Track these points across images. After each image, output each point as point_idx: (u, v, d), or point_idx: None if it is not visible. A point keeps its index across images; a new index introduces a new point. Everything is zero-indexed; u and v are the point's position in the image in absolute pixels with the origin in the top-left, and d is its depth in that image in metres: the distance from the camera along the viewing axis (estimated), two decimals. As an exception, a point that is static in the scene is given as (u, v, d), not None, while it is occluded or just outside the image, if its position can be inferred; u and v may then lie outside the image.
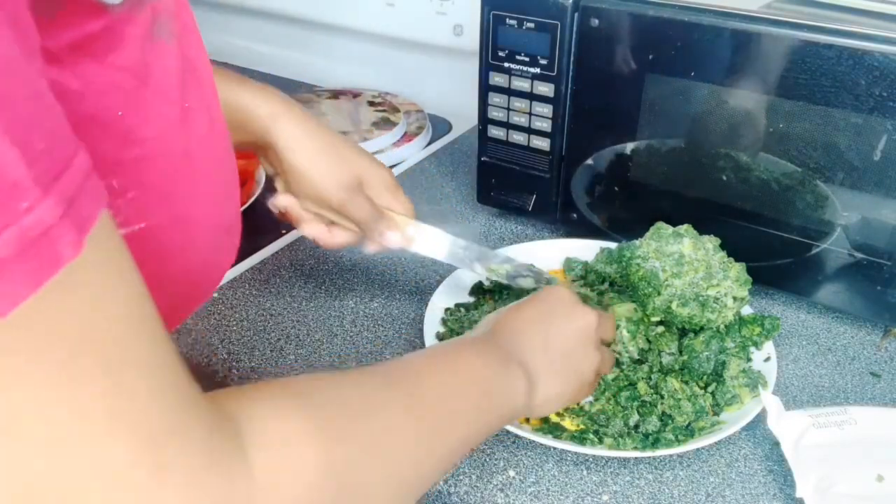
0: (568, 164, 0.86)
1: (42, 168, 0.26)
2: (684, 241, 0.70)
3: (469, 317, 0.75)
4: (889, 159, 0.68)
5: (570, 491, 0.61)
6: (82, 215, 0.28)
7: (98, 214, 0.29)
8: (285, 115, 0.65)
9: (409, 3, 1.22)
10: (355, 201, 0.67)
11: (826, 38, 0.67)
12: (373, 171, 0.68)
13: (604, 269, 0.82)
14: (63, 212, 0.27)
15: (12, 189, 0.25)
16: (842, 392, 0.71)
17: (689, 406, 0.65)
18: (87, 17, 0.32)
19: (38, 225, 0.26)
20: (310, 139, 0.65)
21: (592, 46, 0.78)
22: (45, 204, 0.26)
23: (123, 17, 0.34)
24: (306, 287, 0.84)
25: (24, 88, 0.27)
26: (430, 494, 0.62)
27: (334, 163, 0.66)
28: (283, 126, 0.65)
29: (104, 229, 0.29)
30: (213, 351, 0.75)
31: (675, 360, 0.69)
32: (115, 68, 0.35)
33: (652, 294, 0.69)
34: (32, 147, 0.26)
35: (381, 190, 0.69)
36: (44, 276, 0.26)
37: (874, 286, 0.74)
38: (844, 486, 0.58)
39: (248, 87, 0.65)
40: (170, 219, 0.40)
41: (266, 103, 0.64)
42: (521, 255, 0.85)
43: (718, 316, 0.69)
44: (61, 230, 0.26)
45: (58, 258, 0.27)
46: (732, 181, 0.77)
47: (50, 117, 0.28)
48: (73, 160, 0.28)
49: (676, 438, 0.63)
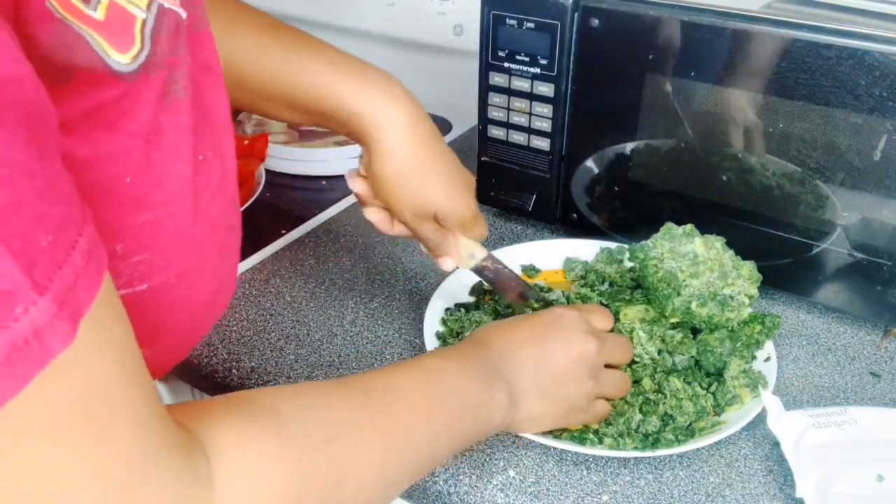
0: (568, 164, 0.86)
1: (42, 267, 0.27)
2: (696, 241, 0.70)
3: (469, 317, 0.75)
4: (889, 159, 0.68)
5: (570, 491, 0.61)
6: (79, 302, 0.29)
7: (97, 292, 0.30)
8: (390, 122, 0.61)
9: (409, 3, 1.22)
10: (422, 225, 0.66)
11: (826, 38, 0.67)
12: (449, 207, 0.65)
13: (604, 269, 0.82)
14: (58, 308, 0.28)
15: (7, 298, 0.26)
16: (842, 392, 0.71)
17: (691, 406, 0.65)
18: (101, 86, 0.32)
19: (30, 328, 0.27)
20: (403, 162, 0.62)
21: (592, 46, 0.78)
22: (40, 305, 0.27)
23: (139, 83, 0.34)
24: (306, 287, 0.84)
25: (34, 187, 0.27)
26: (430, 494, 0.62)
27: (414, 191, 0.64)
28: (384, 136, 0.62)
29: (102, 298, 0.30)
30: (213, 351, 0.75)
31: (688, 360, 0.69)
32: (127, 134, 0.35)
33: (672, 295, 0.69)
34: (35, 247, 0.27)
35: (454, 224, 0.67)
36: (31, 374, 0.27)
37: (874, 286, 0.74)
38: (844, 486, 0.58)
39: (362, 81, 0.61)
40: (175, 276, 0.40)
41: (374, 107, 0.61)
42: (521, 255, 0.85)
43: (736, 315, 0.69)
44: (55, 326, 0.28)
45: (48, 354, 0.28)
46: (732, 181, 0.77)
47: (61, 200, 0.29)
48: (77, 241, 0.29)
49: (676, 438, 0.63)
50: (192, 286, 0.37)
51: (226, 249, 0.46)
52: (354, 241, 0.93)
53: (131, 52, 0.33)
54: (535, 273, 0.85)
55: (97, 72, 0.32)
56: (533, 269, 0.85)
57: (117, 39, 0.32)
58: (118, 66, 0.32)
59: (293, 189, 1.06)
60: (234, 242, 0.48)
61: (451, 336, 0.74)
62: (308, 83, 0.61)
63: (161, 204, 0.38)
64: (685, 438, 0.63)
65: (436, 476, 0.62)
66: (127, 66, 0.33)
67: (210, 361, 0.74)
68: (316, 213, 0.98)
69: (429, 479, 0.62)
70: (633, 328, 0.69)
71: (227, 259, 0.47)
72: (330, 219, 0.98)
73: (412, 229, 0.67)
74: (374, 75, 0.62)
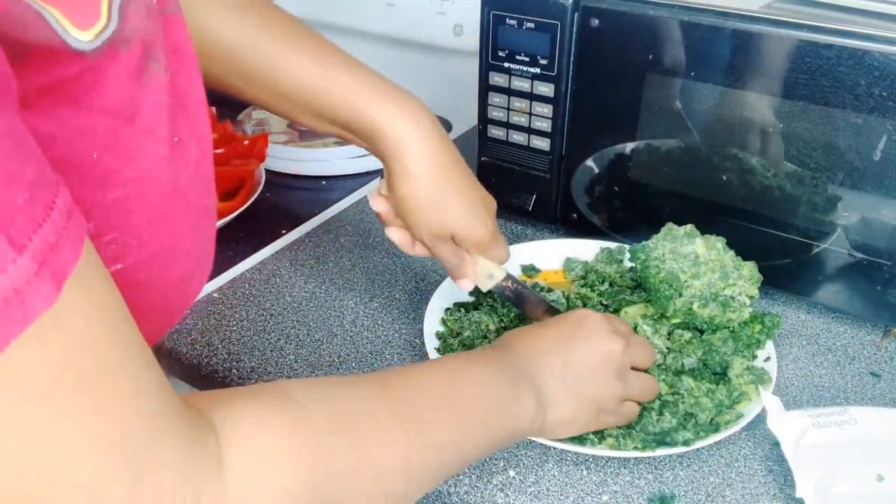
0: (568, 164, 0.86)
1: (19, 226, 0.27)
2: (697, 242, 0.70)
3: (469, 317, 0.75)
4: (889, 159, 0.68)
5: (570, 491, 0.61)
6: (62, 261, 0.29)
7: (80, 254, 0.30)
8: (411, 146, 0.63)
9: (409, 3, 1.22)
10: (440, 246, 0.67)
11: (826, 38, 0.67)
12: (466, 229, 0.66)
13: (604, 269, 0.82)
14: (39, 266, 0.27)
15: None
16: (842, 392, 0.71)
17: (709, 402, 0.65)
18: (59, 62, 0.32)
19: (9, 287, 0.27)
20: (422, 184, 0.64)
21: (592, 46, 0.78)
22: (19, 264, 0.27)
23: (104, 59, 0.33)
24: (306, 287, 0.84)
25: (7, 140, 0.27)
26: (430, 494, 0.62)
27: (432, 212, 0.65)
28: (404, 159, 0.63)
29: (86, 263, 0.30)
30: (213, 351, 0.75)
31: (696, 361, 0.69)
32: (93, 110, 0.34)
33: (673, 296, 0.69)
34: (11, 205, 0.27)
35: (472, 246, 0.68)
36: (13, 334, 0.27)
37: (874, 286, 0.74)
38: (844, 486, 0.58)
39: (389, 102, 0.63)
40: (149, 255, 0.40)
41: (397, 128, 0.63)
42: (521, 255, 0.85)
43: (738, 315, 0.69)
44: (35, 286, 0.27)
45: (30, 313, 0.27)
46: (732, 181, 0.77)
47: (32, 161, 0.28)
48: (55, 202, 0.28)
49: (698, 435, 0.63)
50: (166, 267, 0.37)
51: (202, 230, 0.46)
52: (354, 241, 0.93)
53: (95, 28, 0.32)
54: (535, 273, 0.85)
55: (54, 49, 0.31)
56: (533, 269, 0.85)
57: (79, 14, 0.31)
58: (77, 43, 0.31)
59: (293, 189, 1.06)
60: (209, 224, 0.47)
61: (451, 336, 0.74)
62: (336, 95, 0.63)
63: (132, 181, 0.37)
64: (705, 435, 0.63)
65: (436, 476, 0.62)
66: (89, 44, 0.32)
67: (210, 361, 0.74)
68: (316, 213, 0.98)
69: (429, 479, 0.62)
70: (637, 324, 0.69)
71: (203, 241, 0.46)
72: (330, 219, 0.98)
73: (430, 249, 0.68)
74: (398, 95, 0.64)
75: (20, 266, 0.27)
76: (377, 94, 0.63)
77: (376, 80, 0.64)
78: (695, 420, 0.64)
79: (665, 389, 0.66)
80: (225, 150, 1.04)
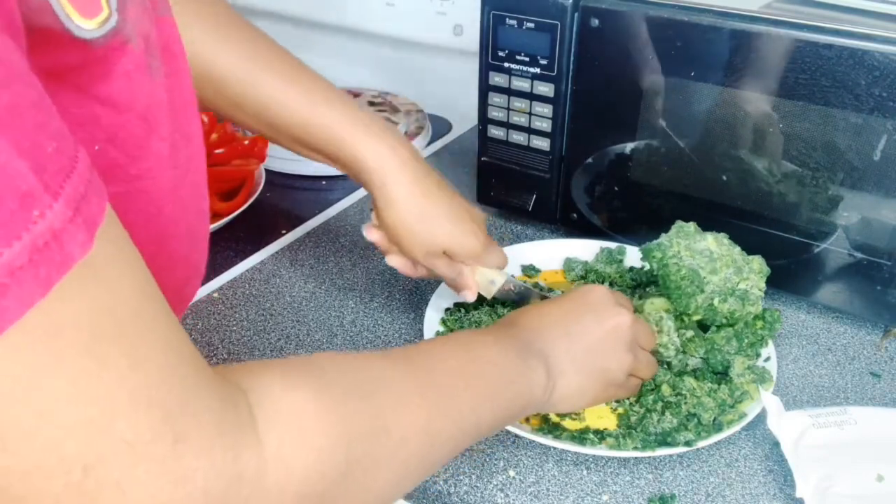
0: (568, 164, 0.86)
1: (51, 173, 0.27)
2: (708, 238, 0.70)
3: (469, 317, 0.75)
4: (889, 159, 0.68)
5: (570, 491, 0.61)
6: (92, 213, 0.29)
7: (105, 210, 0.30)
8: (393, 176, 0.67)
9: (409, 3, 1.22)
10: (436, 263, 0.71)
11: (826, 38, 0.67)
12: (454, 242, 0.70)
13: (604, 270, 0.82)
14: (73, 213, 0.28)
15: (23, 199, 0.26)
16: (842, 392, 0.71)
17: (712, 401, 0.65)
18: (62, 48, 0.32)
19: (48, 230, 0.27)
20: (406, 209, 0.68)
21: (592, 46, 0.78)
22: (56, 209, 0.27)
23: (112, 51, 0.34)
24: (306, 287, 0.84)
25: (30, 94, 0.27)
26: (430, 494, 0.62)
27: (421, 235, 0.69)
28: (388, 189, 0.67)
29: (111, 221, 0.30)
30: (213, 351, 0.75)
31: (701, 362, 0.69)
32: (96, 101, 0.34)
33: (696, 293, 0.68)
34: (42, 152, 0.27)
35: (465, 258, 0.71)
36: (55, 278, 0.27)
37: (874, 286, 0.74)
38: (844, 486, 0.58)
39: (370, 137, 0.67)
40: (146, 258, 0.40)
41: (378, 160, 0.67)
42: (521, 255, 0.85)
43: (756, 308, 0.69)
44: (72, 232, 0.28)
45: (69, 259, 0.28)
46: (732, 181, 0.77)
47: (53, 116, 0.28)
48: (77, 156, 0.29)
49: (699, 435, 0.63)
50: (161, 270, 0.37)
51: (196, 234, 0.46)
52: (354, 241, 0.93)
53: (98, 18, 0.33)
54: (535, 273, 0.85)
55: (57, 34, 0.31)
56: (533, 269, 0.85)
57: (84, 3, 0.32)
58: (80, 31, 0.32)
59: (293, 189, 1.06)
60: (202, 228, 0.48)
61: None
62: (322, 128, 0.67)
63: (135, 178, 0.37)
64: (707, 435, 0.63)
65: (436, 476, 0.62)
66: (93, 32, 0.32)
67: (210, 362, 0.74)
68: (316, 213, 0.98)
69: (429, 479, 0.62)
70: (661, 317, 0.69)
71: (197, 246, 0.47)
72: (330, 219, 0.98)
73: (427, 268, 0.71)
74: (378, 129, 0.68)
75: (56, 211, 0.27)
76: (359, 128, 0.67)
77: (358, 114, 0.68)
78: (697, 420, 0.64)
79: (668, 391, 0.66)
80: (225, 150, 1.04)
